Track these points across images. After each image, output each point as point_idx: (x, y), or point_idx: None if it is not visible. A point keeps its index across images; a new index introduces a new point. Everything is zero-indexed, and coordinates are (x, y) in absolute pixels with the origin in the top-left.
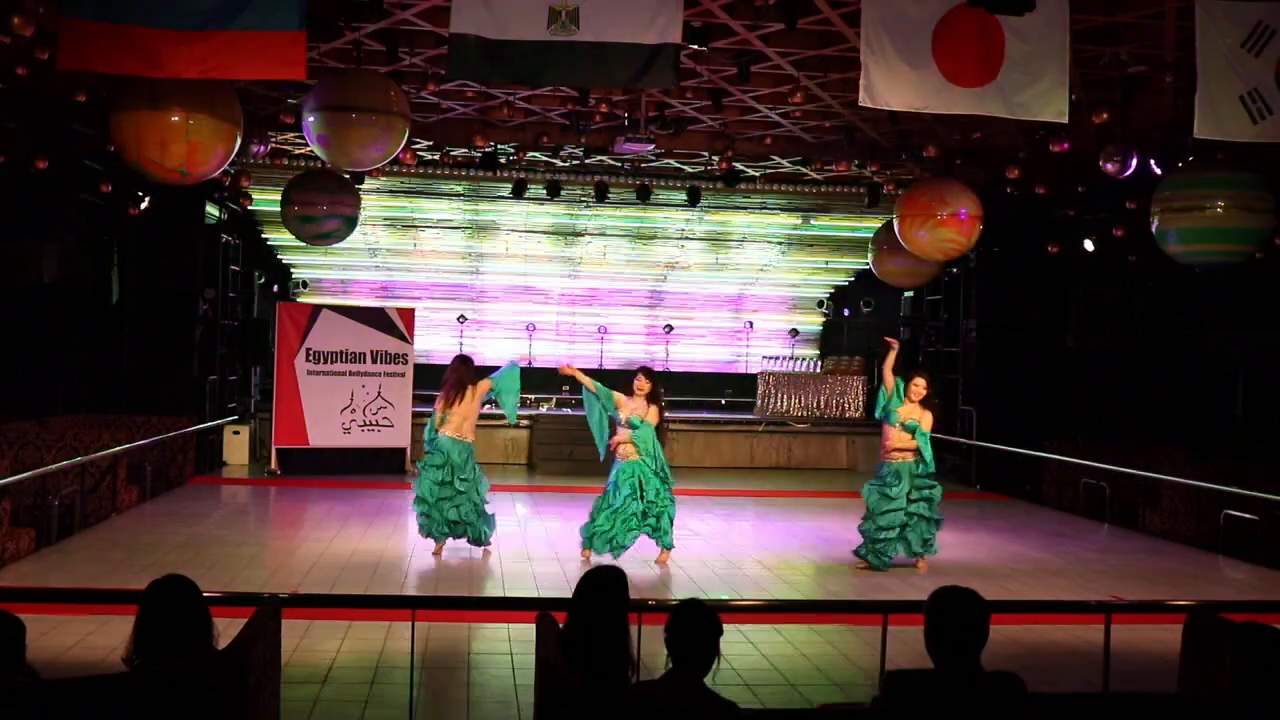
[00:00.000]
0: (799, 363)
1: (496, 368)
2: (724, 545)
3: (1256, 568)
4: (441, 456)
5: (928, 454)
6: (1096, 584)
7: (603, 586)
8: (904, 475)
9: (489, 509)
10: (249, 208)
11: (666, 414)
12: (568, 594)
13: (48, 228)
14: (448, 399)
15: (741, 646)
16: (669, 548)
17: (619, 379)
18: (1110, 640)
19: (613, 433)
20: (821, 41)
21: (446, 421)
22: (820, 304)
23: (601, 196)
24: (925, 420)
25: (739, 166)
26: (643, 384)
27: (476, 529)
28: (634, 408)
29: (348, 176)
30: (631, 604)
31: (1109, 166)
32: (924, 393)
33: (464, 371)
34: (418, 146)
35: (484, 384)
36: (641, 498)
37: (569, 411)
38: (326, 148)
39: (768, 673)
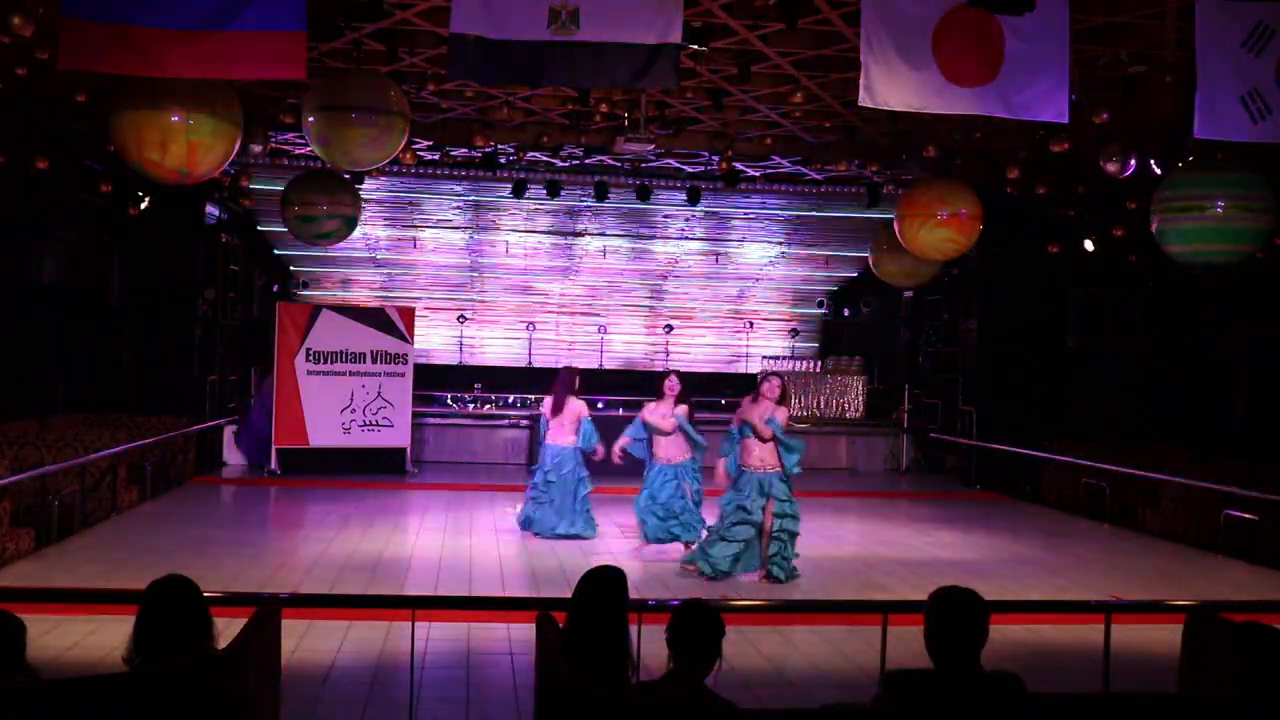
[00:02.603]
0: (799, 363)
1: (499, 368)
2: None
3: (1256, 568)
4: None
5: (788, 458)
6: (1096, 584)
7: (603, 586)
8: (765, 486)
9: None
10: (249, 208)
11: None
12: (568, 594)
13: (48, 228)
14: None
15: (741, 646)
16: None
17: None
18: (1110, 640)
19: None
20: (821, 41)
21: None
22: (820, 304)
23: (601, 196)
24: (780, 414)
25: (739, 166)
26: (674, 385)
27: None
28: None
29: (348, 176)
30: (631, 604)
31: (1109, 166)
32: (778, 393)
33: (561, 385)
34: (418, 146)
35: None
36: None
37: None
38: (326, 148)
39: (768, 673)
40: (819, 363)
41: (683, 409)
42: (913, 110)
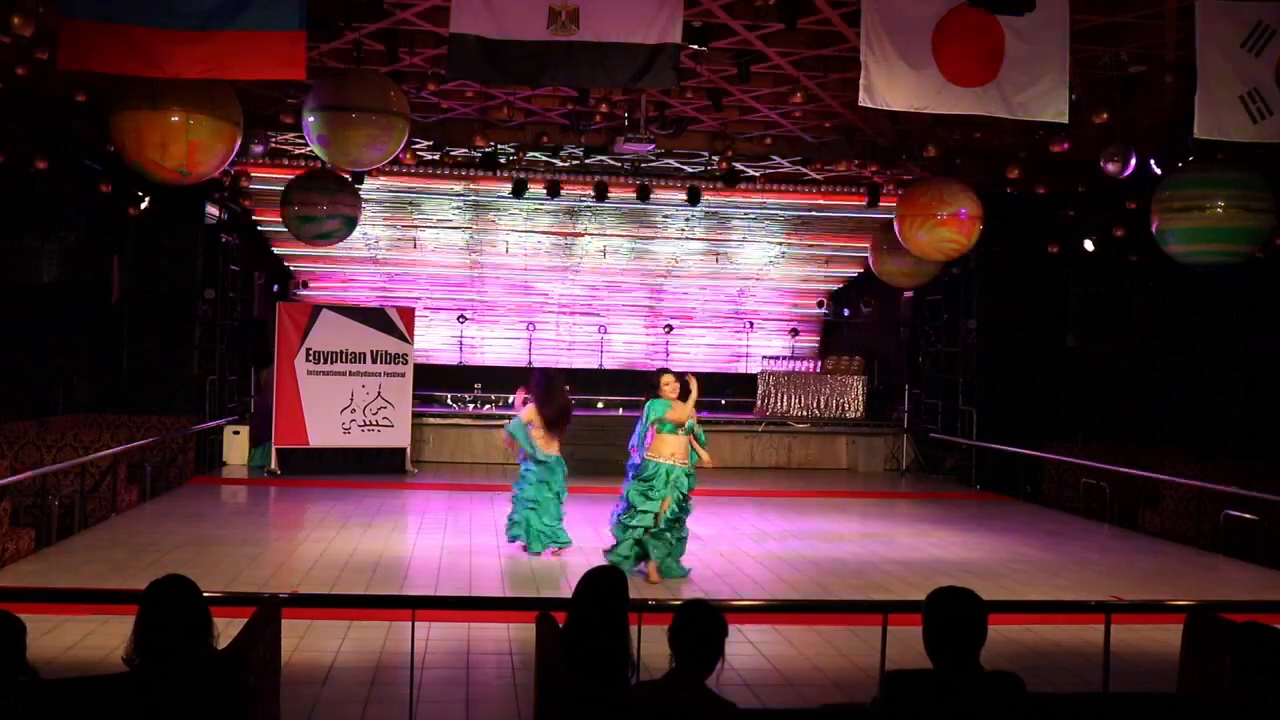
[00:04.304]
0: (799, 363)
1: (499, 368)
2: (724, 545)
3: (1256, 568)
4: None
5: (702, 439)
6: (1096, 584)
7: (602, 587)
8: (670, 478)
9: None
10: (249, 207)
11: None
12: (568, 594)
13: (48, 228)
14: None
15: (741, 646)
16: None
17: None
18: (1110, 640)
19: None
20: (821, 41)
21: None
22: (820, 304)
23: (601, 196)
24: (690, 410)
25: (739, 166)
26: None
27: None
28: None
29: (348, 176)
30: (631, 604)
31: (1109, 166)
32: (677, 385)
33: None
34: (418, 146)
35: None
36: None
37: None
38: (326, 148)
39: (768, 673)
40: (819, 363)
41: (525, 411)
42: (913, 110)
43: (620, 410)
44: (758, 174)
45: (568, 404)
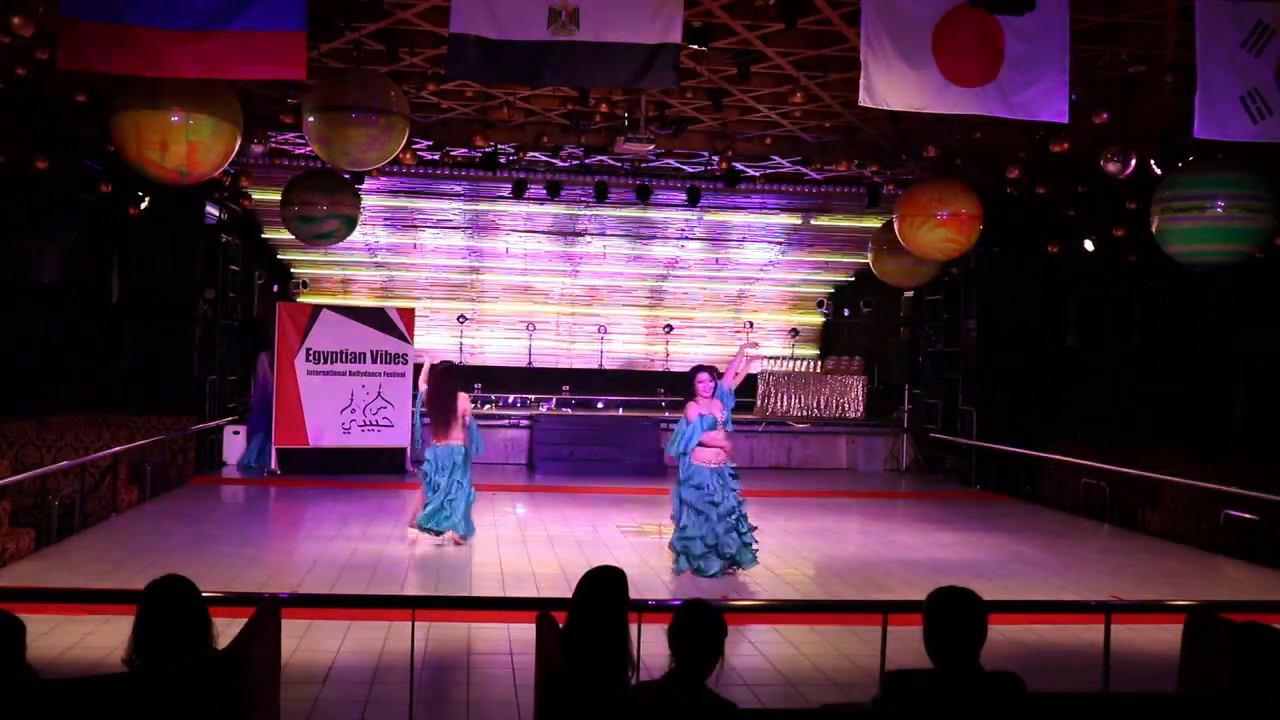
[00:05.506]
0: (799, 363)
1: (499, 368)
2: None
3: (1256, 568)
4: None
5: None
6: (1096, 584)
7: (603, 586)
8: (722, 480)
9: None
10: (249, 207)
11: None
12: (568, 594)
13: (48, 228)
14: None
15: (741, 646)
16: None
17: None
18: (1110, 640)
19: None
20: (821, 41)
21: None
22: (820, 304)
23: (601, 196)
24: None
25: (739, 166)
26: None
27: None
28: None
29: (348, 176)
30: (631, 604)
31: (1109, 166)
32: (713, 384)
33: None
34: (418, 146)
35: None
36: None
37: (569, 411)
38: (326, 148)
39: (768, 673)
40: (819, 363)
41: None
42: (913, 110)
43: (620, 410)
44: (758, 174)
45: (450, 404)
